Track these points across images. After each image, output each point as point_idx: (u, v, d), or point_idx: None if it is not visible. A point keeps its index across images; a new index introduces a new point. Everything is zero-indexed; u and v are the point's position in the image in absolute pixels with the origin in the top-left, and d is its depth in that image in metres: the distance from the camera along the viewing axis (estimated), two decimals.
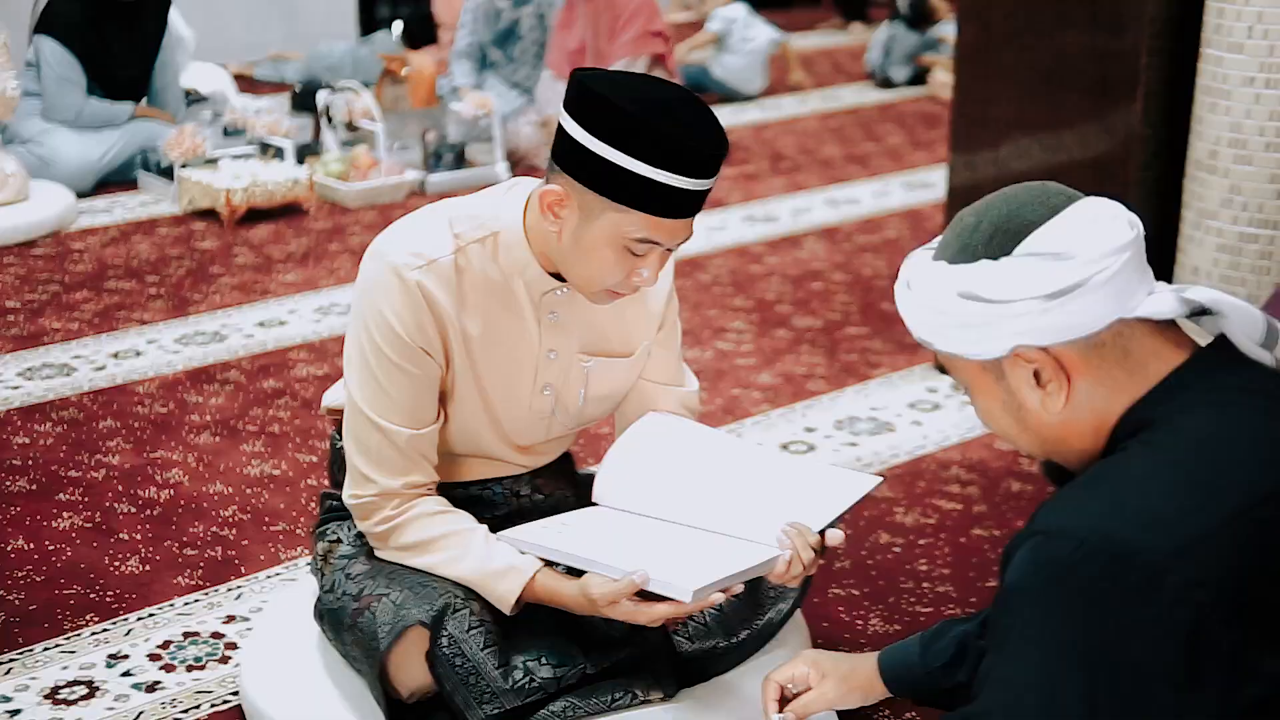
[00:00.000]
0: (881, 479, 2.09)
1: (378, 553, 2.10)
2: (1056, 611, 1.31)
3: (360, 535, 2.14)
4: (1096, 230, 1.39)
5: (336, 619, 2.07)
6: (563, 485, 2.29)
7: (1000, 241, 1.40)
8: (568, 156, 1.89)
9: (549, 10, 6.01)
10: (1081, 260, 1.37)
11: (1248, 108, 2.93)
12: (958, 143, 3.57)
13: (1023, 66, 3.42)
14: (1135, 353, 1.41)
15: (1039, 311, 1.38)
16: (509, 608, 2.01)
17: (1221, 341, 1.43)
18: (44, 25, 5.46)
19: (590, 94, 1.85)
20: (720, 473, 2.10)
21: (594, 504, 2.15)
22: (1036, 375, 1.42)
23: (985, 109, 3.51)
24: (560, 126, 1.90)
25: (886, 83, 7.64)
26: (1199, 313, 1.42)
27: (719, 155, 1.88)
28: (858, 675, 1.86)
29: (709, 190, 1.91)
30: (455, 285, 2.00)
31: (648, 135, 1.82)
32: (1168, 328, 1.43)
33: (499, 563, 2.01)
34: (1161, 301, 1.40)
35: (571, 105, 1.88)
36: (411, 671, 1.99)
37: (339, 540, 2.22)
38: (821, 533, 1.99)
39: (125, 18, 5.53)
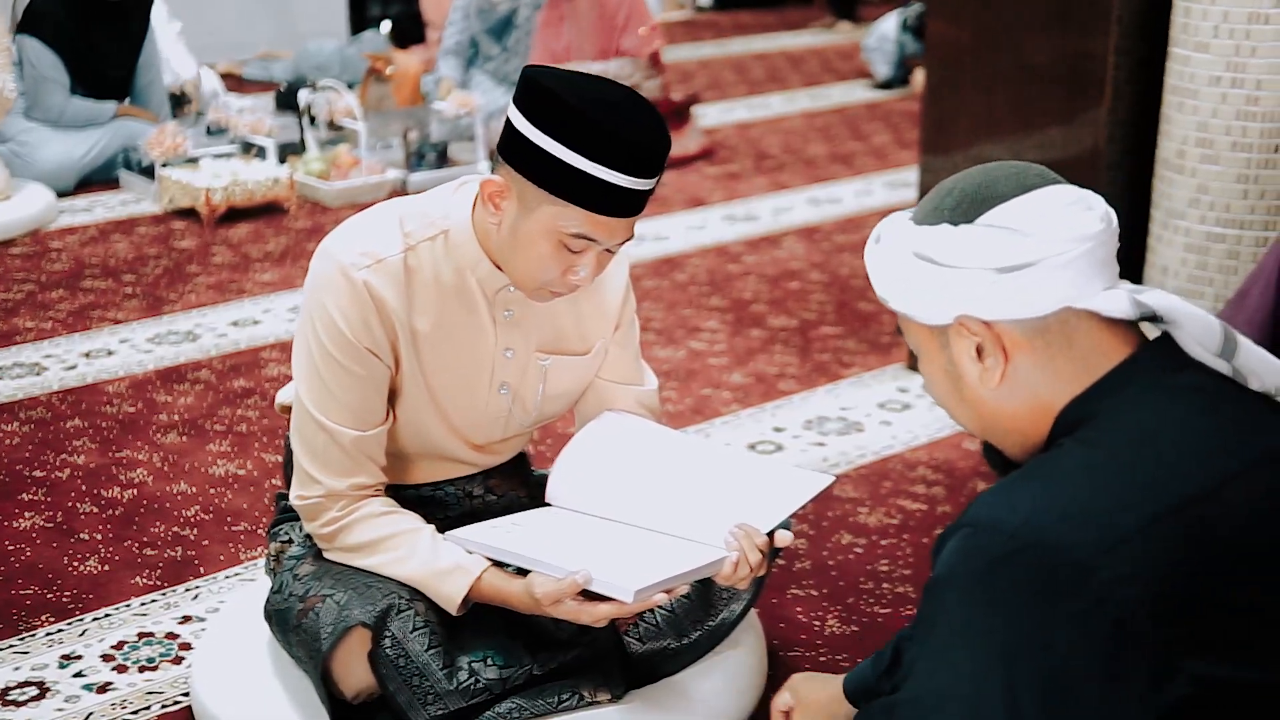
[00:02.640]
0: (834, 478, 2.09)
1: (325, 554, 2.09)
2: (982, 604, 1.31)
3: (310, 536, 2.14)
4: (1063, 215, 1.39)
5: (283, 619, 2.07)
6: (516, 486, 2.28)
7: (966, 209, 1.41)
8: (510, 148, 1.90)
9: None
10: (1039, 240, 1.37)
11: (1214, 107, 2.92)
12: (928, 144, 3.56)
13: (992, 67, 3.41)
14: (1080, 344, 1.40)
15: (987, 283, 1.38)
16: (455, 608, 2.00)
17: (1168, 339, 1.42)
18: (27, 24, 5.46)
19: (537, 88, 1.86)
20: (672, 473, 2.09)
21: (547, 504, 2.15)
22: (979, 350, 1.42)
23: (955, 110, 3.50)
24: (507, 120, 1.91)
25: (887, 84, 7.63)
26: (1150, 319, 1.41)
27: (659, 156, 1.88)
28: (833, 708, 1.89)
29: (649, 191, 1.90)
30: (405, 284, 2.00)
31: (588, 130, 1.83)
32: (1118, 324, 1.42)
33: (445, 562, 2.00)
34: (1113, 300, 1.39)
35: (518, 99, 1.88)
36: (355, 672, 1.98)
37: (291, 541, 2.21)
38: (771, 534, 1.98)
39: (109, 17, 5.53)
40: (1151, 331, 1.45)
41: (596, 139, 1.83)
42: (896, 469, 3.12)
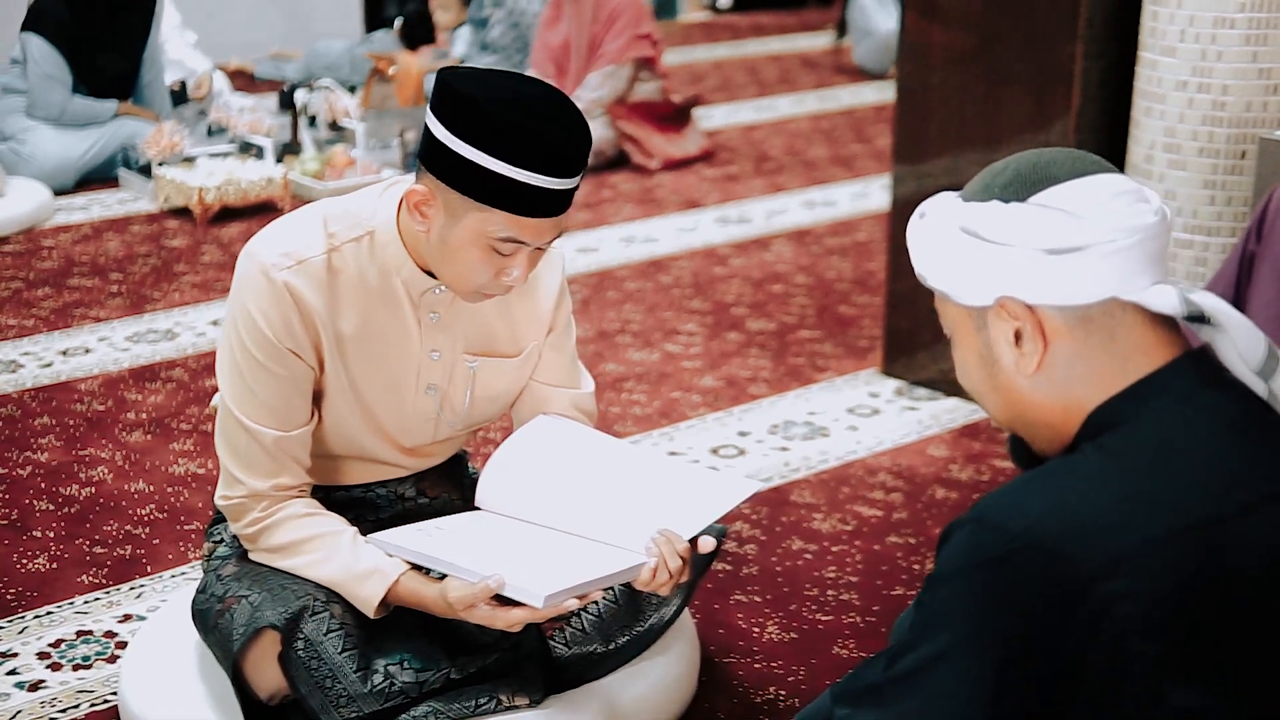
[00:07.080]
0: (760, 485, 2.07)
1: (250, 554, 2.09)
2: (977, 600, 1.29)
3: (237, 537, 2.14)
4: (1117, 204, 1.35)
5: (204, 619, 2.07)
6: (448, 488, 2.28)
7: (1018, 187, 1.37)
8: (431, 156, 1.88)
9: (521, 19, 6.05)
10: (1091, 225, 1.33)
11: (1181, 111, 2.88)
12: (900, 150, 3.53)
13: (962, 72, 3.38)
14: (1121, 340, 1.36)
15: (1034, 264, 1.34)
16: (372, 611, 2.00)
17: (1209, 351, 1.38)
18: (31, 23, 5.49)
19: (451, 92, 1.84)
20: (600, 478, 2.08)
21: (476, 508, 2.14)
22: (1017, 335, 1.38)
23: (926, 116, 3.47)
24: (425, 126, 1.89)
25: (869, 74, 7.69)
26: (1198, 319, 1.36)
27: (580, 154, 1.87)
28: None
29: (573, 189, 1.89)
30: (327, 285, 2.00)
31: (506, 133, 1.81)
32: (1162, 324, 1.37)
33: (363, 565, 2.00)
34: (1162, 295, 1.34)
35: (434, 104, 1.87)
36: (266, 674, 1.98)
37: (222, 541, 2.22)
38: (694, 540, 1.97)
39: (112, 15, 5.56)
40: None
41: (511, 142, 1.82)
42: (857, 475, 3.09)
